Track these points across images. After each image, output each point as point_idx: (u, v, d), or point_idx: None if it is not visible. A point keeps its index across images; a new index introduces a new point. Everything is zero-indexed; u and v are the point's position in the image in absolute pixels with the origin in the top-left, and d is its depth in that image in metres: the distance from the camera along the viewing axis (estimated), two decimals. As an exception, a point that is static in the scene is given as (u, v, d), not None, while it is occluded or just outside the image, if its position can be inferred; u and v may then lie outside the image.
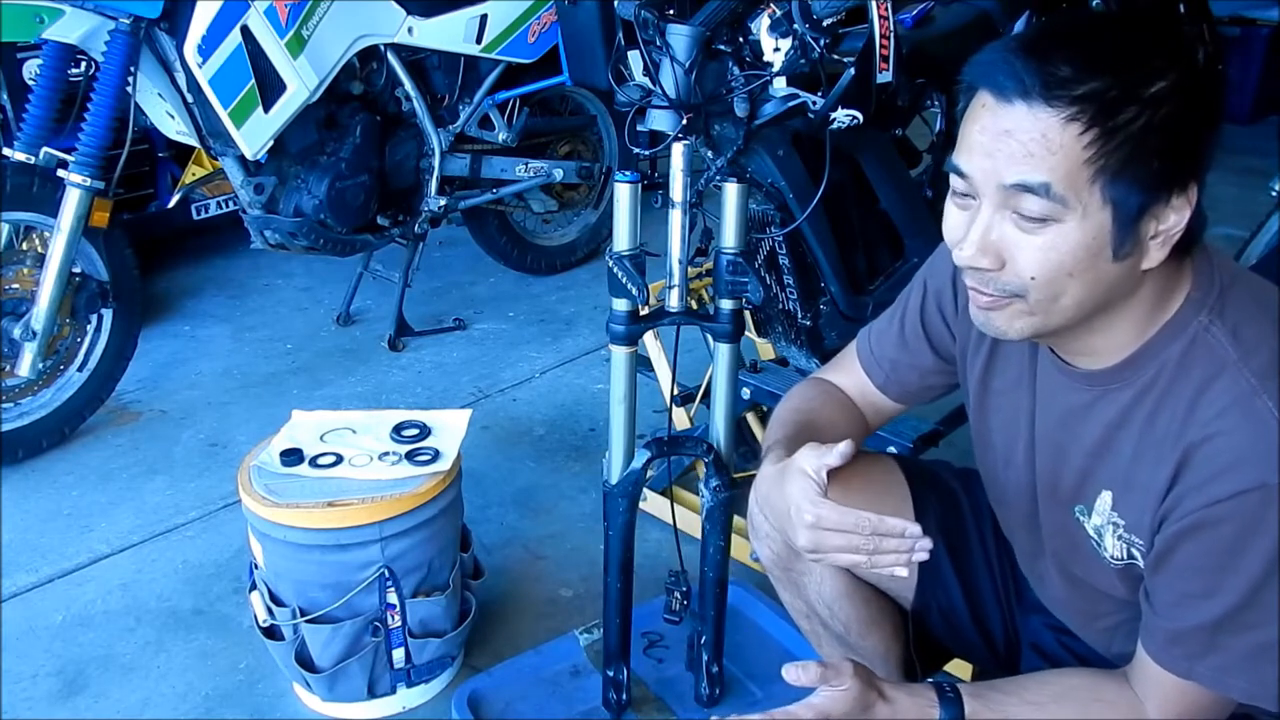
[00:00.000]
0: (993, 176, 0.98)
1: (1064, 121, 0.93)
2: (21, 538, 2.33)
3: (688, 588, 1.64)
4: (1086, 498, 1.13)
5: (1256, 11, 5.30)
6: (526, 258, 3.63)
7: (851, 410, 1.39)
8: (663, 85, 1.41)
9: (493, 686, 1.74)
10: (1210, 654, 1.02)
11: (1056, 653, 1.33)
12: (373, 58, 2.97)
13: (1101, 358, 1.08)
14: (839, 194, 1.97)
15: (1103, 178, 0.94)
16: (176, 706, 1.88)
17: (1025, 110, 0.94)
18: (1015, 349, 1.20)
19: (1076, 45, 0.96)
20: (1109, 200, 0.95)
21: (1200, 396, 1.00)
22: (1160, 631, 1.06)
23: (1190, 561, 1.01)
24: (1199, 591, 1.01)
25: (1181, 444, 1.00)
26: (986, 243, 1.00)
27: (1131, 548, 1.09)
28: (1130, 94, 0.93)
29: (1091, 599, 1.21)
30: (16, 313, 2.49)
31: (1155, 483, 1.03)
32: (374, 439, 1.86)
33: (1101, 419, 1.09)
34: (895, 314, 1.37)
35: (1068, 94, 0.93)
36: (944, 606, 1.41)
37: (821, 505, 1.11)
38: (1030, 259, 0.98)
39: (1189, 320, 1.03)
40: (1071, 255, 0.97)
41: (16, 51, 3.00)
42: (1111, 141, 0.93)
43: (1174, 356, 1.03)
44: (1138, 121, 0.93)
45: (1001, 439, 1.25)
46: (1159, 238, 0.98)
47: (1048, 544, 1.23)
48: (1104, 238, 0.97)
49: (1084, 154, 0.93)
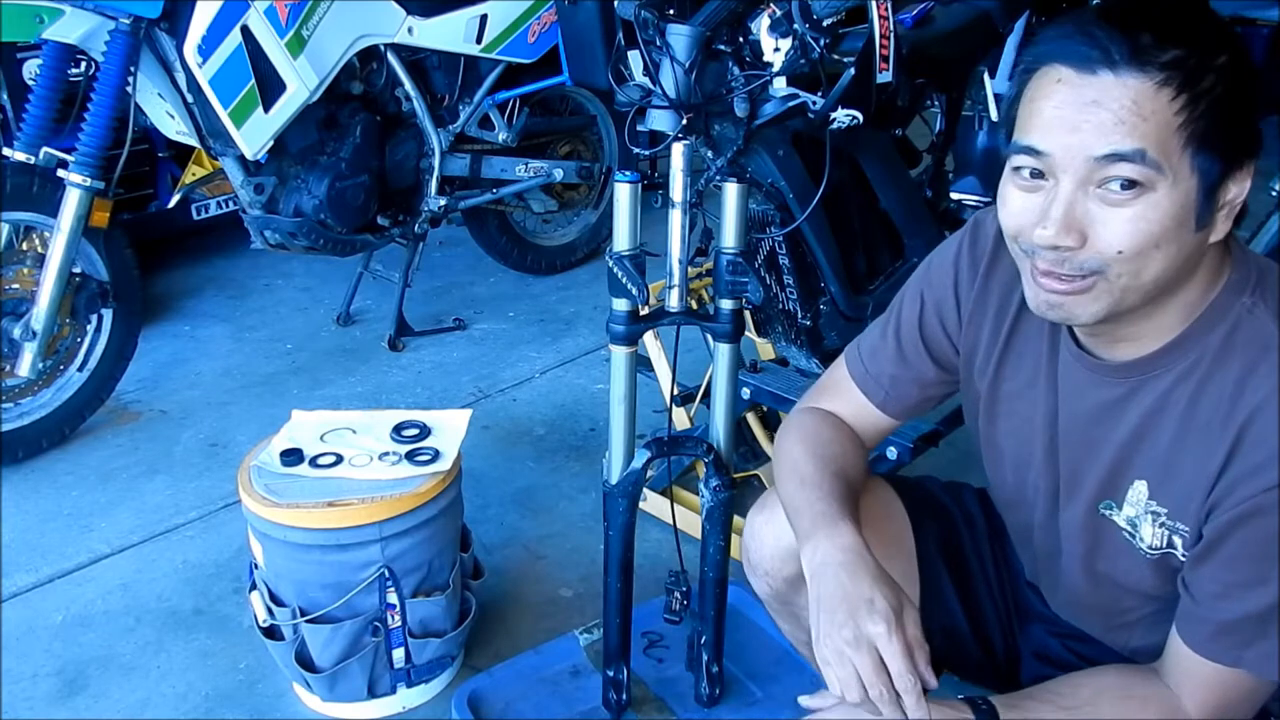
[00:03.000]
0: (1079, 150, 0.96)
1: (1156, 87, 0.93)
2: (21, 538, 2.33)
3: (688, 588, 1.64)
4: (1116, 491, 1.12)
5: (1256, 11, 5.29)
6: (526, 258, 3.63)
7: (859, 446, 1.35)
8: (663, 85, 1.41)
9: (493, 686, 1.74)
10: (1260, 641, 1.01)
11: (1063, 657, 1.32)
12: (373, 58, 2.96)
13: (1144, 344, 1.06)
14: (839, 194, 1.97)
15: (1192, 144, 0.94)
16: (176, 706, 1.88)
17: (1113, 79, 0.94)
18: (1031, 349, 1.19)
19: (1148, 18, 0.96)
20: (1196, 168, 0.95)
21: (1247, 378, 0.99)
22: (1204, 622, 1.04)
23: (1241, 550, 1.00)
24: (1251, 580, 1.00)
25: (1231, 427, 1.00)
26: (1071, 220, 0.97)
27: (1174, 535, 1.08)
28: (1206, 63, 0.94)
29: (1114, 596, 1.20)
30: (16, 313, 2.48)
31: (1204, 468, 1.02)
32: (374, 439, 1.86)
33: (1137, 410, 1.08)
34: (887, 329, 1.33)
35: (1155, 60, 0.93)
36: (947, 625, 1.39)
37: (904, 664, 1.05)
38: (1119, 231, 0.96)
39: (1231, 303, 1.03)
40: (1161, 225, 0.96)
41: (16, 51, 3.00)
42: (1198, 107, 0.94)
43: (1217, 340, 1.02)
44: (1218, 88, 0.94)
45: (1013, 442, 1.24)
46: (1224, 209, 0.99)
47: (1068, 545, 1.21)
48: (1190, 206, 0.96)
49: (1175, 120, 0.94)
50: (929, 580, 1.39)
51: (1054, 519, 1.22)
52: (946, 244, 1.29)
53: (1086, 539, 1.18)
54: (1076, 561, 1.22)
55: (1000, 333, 1.21)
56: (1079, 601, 1.27)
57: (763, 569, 1.39)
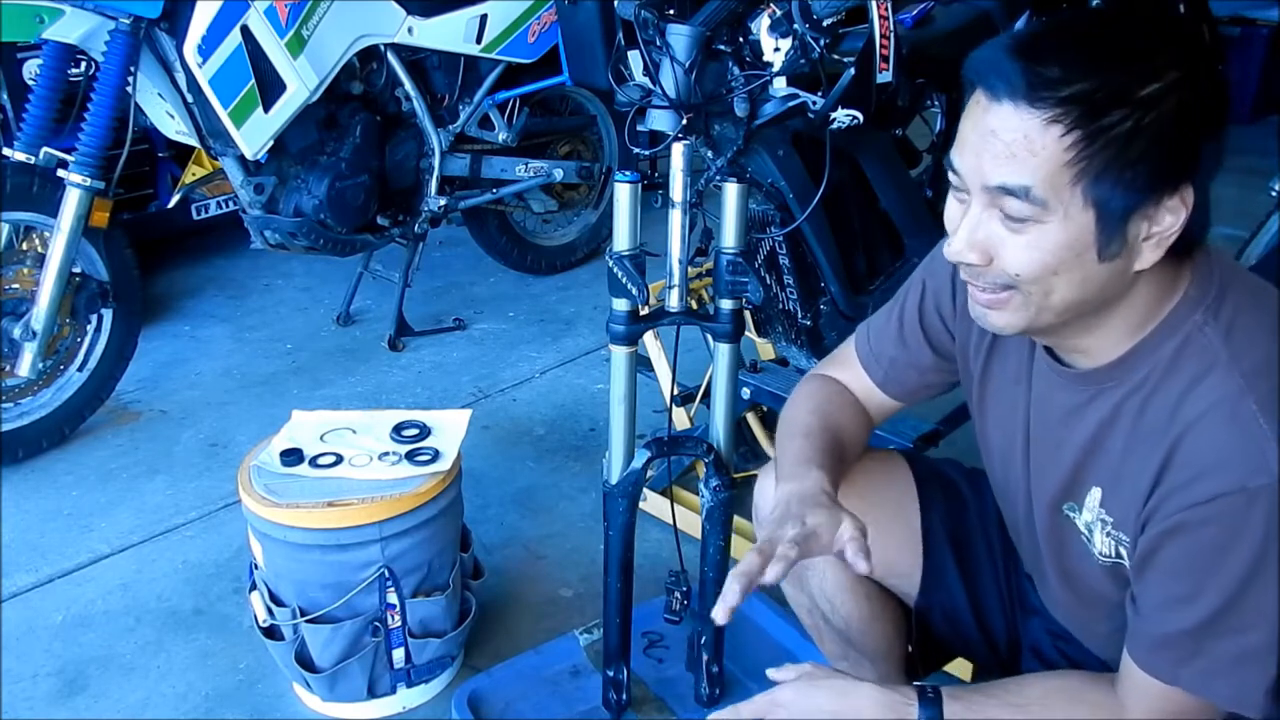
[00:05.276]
0: (978, 176, 0.98)
1: (1045, 123, 0.93)
2: (21, 538, 2.33)
3: (688, 588, 1.64)
4: (1078, 495, 1.13)
5: (1256, 11, 5.30)
6: (526, 258, 3.63)
7: (860, 412, 1.39)
8: (663, 85, 1.41)
9: (493, 686, 1.74)
10: (1195, 659, 1.01)
11: (1053, 657, 1.33)
12: (373, 58, 2.96)
13: (1095, 356, 1.07)
14: (839, 194, 1.97)
15: (1085, 179, 0.94)
16: (176, 706, 1.88)
17: (1011, 110, 0.94)
18: (1015, 346, 1.20)
19: (1071, 45, 0.95)
20: (1091, 202, 0.94)
21: (1188, 394, 1.00)
22: (1145, 636, 1.05)
23: (1173, 564, 1.01)
24: (1183, 595, 1.01)
25: (1166, 440, 1.00)
26: (974, 239, 1.01)
27: (1119, 545, 1.09)
28: (1120, 96, 0.92)
29: (1088, 602, 1.21)
30: (16, 313, 2.48)
31: (1141, 479, 1.03)
32: (374, 439, 1.86)
33: (1095, 417, 1.09)
34: (893, 312, 1.36)
35: (1054, 95, 0.92)
36: (947, 606, 1.41)
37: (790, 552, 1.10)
38: (1015, 257, 0.99)
39: (1184, 320, 1.02)
40: (1055, 255, 0.97)
41: (16, 51, 3.00)
42: (1094, 144, 0.92)
43: (1166, 355, 1.02)
44: (1125, 124, 0.92)
45: (999, 436, 1.26)
46: (1152, 239, 0.97)
47: (1043, 544, 1.23)
48: (1088, 238, 0.96)
49: (1065, 155, 0.93)
50: (932, 556, 1.40)
51: (1031, 517, 1.23)
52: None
53: (1054, 539, 1.20)
54: (1051, 562, 1.23)
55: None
56: (1056, 600, 1.28)
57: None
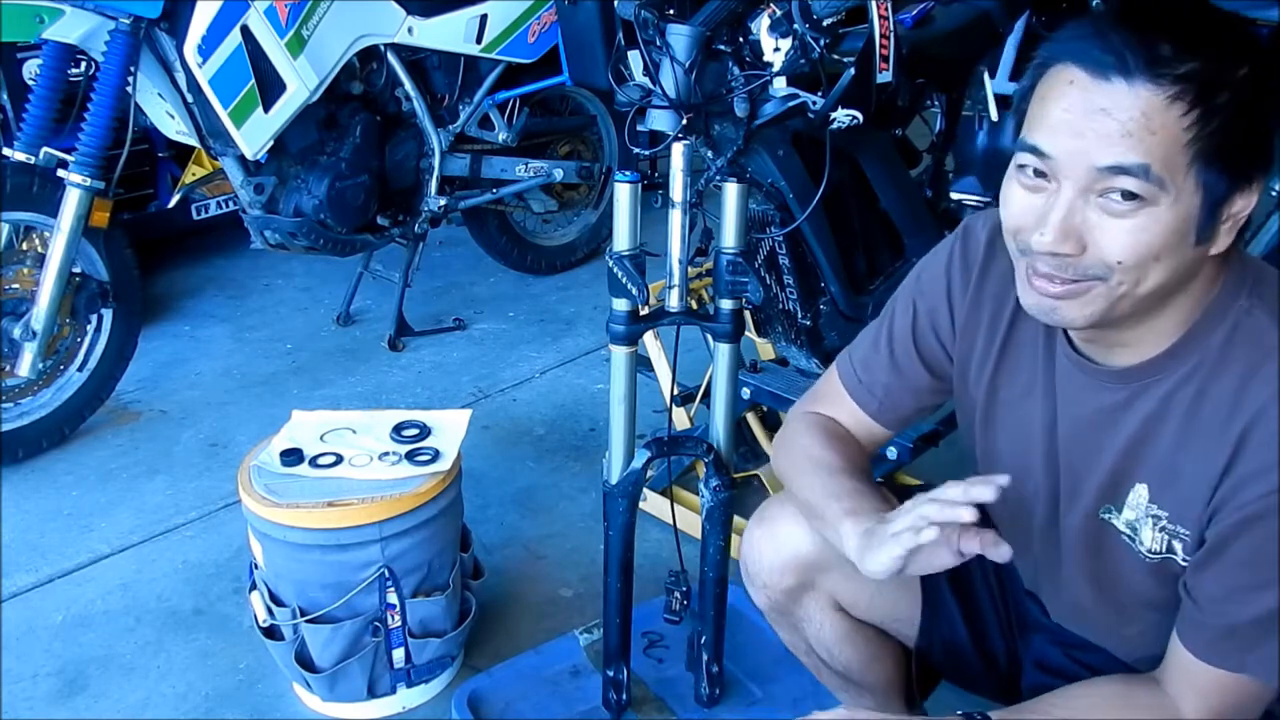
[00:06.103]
0: (1082, 158, 0.94)
1: (1168, 101, 0.90)
2: (21, 538, 2.33)
3: (688, 588, 1.64)
4: (1117, 495, 1.11)
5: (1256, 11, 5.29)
6: (526, 258, 3.63)
7: (861, 451, 1.33)
8: (663, 85, 1.41)
9: (493, 686, 1.74)
10: (1262, 644, 1.01)
11: (1064, 665, 1.30)
12: (373, 58, 2.96)
13: (1141, 349, 1.05)
14: (839, 194, 1.97)
15: (1199, 161, 0.92)
16: (176, 706, 1.88)
17: (1125, 88, 0.91)
18: (1026, 357, 1.18)
19: (1170, 24, 0.93)
20: (1201, 184, 0.93)
21: (1249, 380, 0.99)
22: (1208, 628, 1.03)
23: (1247, 554, 1.00)
24: (1256, 583, 0.99)
25: (1233, 430, 0.99)
26: (1069, 227, 0.96)
27: (1174, 540, 1.07)
28: (1224, 76, 0.91)
29: (1118, 605, 1.19)
30: (16, 313, 2.48)
31: (1206, 472, 1.01)
32: (374, 439, 1.86)
33: (1138, 414, 1.07)
34: (880, 338, 1.31)
35: (1171, 72, 0.90)
36: (948, 640, 1.39)
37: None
38: (1119, 242, 0.95)
39: (1228, 306, 1.02)
40: (1161, 238, 0.94)
41: (16, 51, 3.00)
42: (1210, 124, 0.91)
43: (1217, 343, 1.01)
44: (1231, 105, 0.92)
45: (1011, 450, 1.23)
46: (1228, 222, 0.97)
47: (1069, 553, 1.20)
48: (1191, 221, 0.95)
49: (1184, 136, 0.91)
50: (930, 592, 1.38)
51: (1054, 526, 1.21)
52: (937, 251, 1.27)
53: (1088, 544, 1.17)
54: (1078, 568, 1.21)
55: (995, 341, 1.20)
56: (1081, 609, 1.26)
57: (761, 580, 1.39)
